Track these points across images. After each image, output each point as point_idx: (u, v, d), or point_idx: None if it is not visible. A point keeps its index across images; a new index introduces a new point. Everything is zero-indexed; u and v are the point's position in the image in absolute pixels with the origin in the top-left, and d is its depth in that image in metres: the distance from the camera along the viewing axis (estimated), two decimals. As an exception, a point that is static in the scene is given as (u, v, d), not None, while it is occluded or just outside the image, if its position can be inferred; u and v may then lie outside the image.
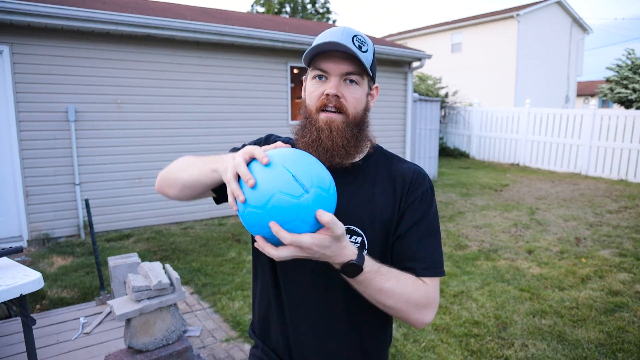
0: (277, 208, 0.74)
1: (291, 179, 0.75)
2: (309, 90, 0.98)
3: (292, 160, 0.79)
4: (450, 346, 2.84)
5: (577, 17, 19.08)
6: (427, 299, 0.92)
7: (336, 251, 0.79)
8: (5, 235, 4.81)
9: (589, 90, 27.97)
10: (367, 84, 0.99)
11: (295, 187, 0.75)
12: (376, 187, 0.99)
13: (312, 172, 0.79)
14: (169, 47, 5.61)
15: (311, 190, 0.76)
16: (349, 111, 0.94)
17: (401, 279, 0.89)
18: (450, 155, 13.33)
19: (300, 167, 0.78)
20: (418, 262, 0.95)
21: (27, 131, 4.80)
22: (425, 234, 0.97)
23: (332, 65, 0.93)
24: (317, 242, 0.75)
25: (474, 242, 5.07)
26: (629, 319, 3.18)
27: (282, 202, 0.74)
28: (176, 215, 5.89)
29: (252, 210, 0.76)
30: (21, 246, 2.04)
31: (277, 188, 0.75)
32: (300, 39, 6.39)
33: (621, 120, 9.45)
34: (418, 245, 0.96)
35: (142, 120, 5.53)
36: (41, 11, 4.50)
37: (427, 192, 0.99)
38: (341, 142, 0.93)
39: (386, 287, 0.86)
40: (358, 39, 0.93)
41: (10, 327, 2.86)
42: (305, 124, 0.97)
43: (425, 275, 0.94)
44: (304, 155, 0.83)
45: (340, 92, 0.93)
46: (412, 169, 1.01)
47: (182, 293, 2.38)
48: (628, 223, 5.86)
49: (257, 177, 0.77)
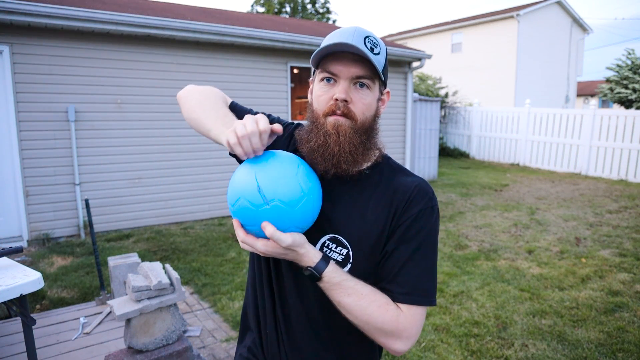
0: (240, 211, 0.82)
1: (255, 189, 0.80)
2: (317, 93, 0.93)
3: (267, 170, 0.82)
4: (450, 346, 2.84)
5: (577, 17, 19.08)
6: (395, 326, 0.84)
7: (295, 257, 0.84)
8: (5, 235, 4.81)
9: (589, 90, 27.97)
10: (378, 89, 0.94)
11: (257, 197, 0.80)
12: (372, 200, 0.93)
13: (280, 185, 0.81)
14: (169, 47, 5.61)
15: (271, 203, 0.80)
16: (357, 117, 0.89)
17: (364, 298, 0.83)
18: (450, 155, 13.33)
19: (270, 179, 0.81)
20: (396, 286, 0.87)
21: (27, 131, 4.80)
22: (414, 256, 0.88)
23: (341, 67, 0.88)
24: (270, 250, 0.82)
25: (474, 242, 5.07)
26: (629, 319, 3.18)
27: (244, 207, 0.81)
28: (176, 215, 5.89)
29: (229, 204, 0.87)
30: (21, 246, 2.04)
31: (242, 194, 0.82)
32: (300, 39, 6.39)
33: (621, 120, 9.45)
34: (402, 268, 0.87)
35: (142, 120, 5.53)
36: (41, 11, 4.50)
37: (426, 210, 0.90)
38: (348, 148, 0.88)
39: (344, 302, 0.84)
40: (370, 40, 0.88)
41: (10, 327, 2.86)
42: (312, 128, 0.93)
43: (402, 302, 0.86)
44: (284, 166, 0.84)
45: (349, 97, 0.88)
46: (415, 183, 0.93)
47: (182, 293, 2.38)
48: (628, 223, 5.86)
49: (235, 176, 0.85)
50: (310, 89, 1.00)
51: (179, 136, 5.79)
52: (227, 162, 6.19)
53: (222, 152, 6.11)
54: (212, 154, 6.06)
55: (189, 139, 5.86)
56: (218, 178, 6.15)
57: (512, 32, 16.90)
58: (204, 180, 6.05)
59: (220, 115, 0.95)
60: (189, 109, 1.02)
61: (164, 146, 5.69)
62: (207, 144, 5.99)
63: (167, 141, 5.72)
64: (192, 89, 1.07)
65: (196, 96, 1.03)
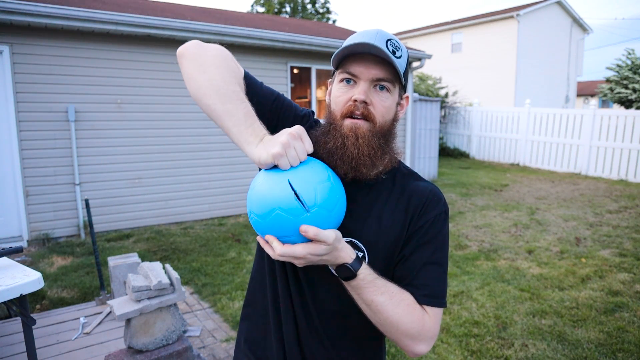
0: (276, 223, 0.75)
1: (293, 198, 0.74)
2: (335, 94, 0.91)
3: (301, 176, 0.76)
4: (450, 346, 2.84)
5: (577, 17, 19.08)
6: (421, 327, 0.86)
7: (332, 255, 0.80)
8: (5, 235, 4.80)
9: (589, 90, 27.97)
10: (398, 93, 0.92)
11: (296, 206, 0.74)
12: (388, 205, 0.93)
13: (318, 190, 0.76)
14: (169, 47, 5.61)
15: (312, 210, 0.75)
16: (376, 119, 0.88)
17: (395, 297, 0.84)
18: (450, 155, 13.33)
19: (307, 184, 0.76)
20: (417, 289, 0.89)
21: (27, 131, 4.80)
22: (430, 260, 0.91)
23: (362, 69, 0.86)
24: (311, 251, 0.76)
25: (474, 242, 5.07)
26: (629, 319, 3.18)
27: (281, 218, 0.75)
28: (176, 215, 5.89)
29: (255, 218, 0.79)
30: (21, 246, 2.04)
31: (278, 204, 0.74)
32: (300, 39, 6.39)
33: (621, 120, 9.45)
34: (420, 271, 0.90)
35: (142, 120, 5.53)
36: (41, 11, 4.50)
37: (440, 215, 0.93)
38: (367, 151, 0.87)
39: (377, 301, 0.83)
40: (392, 43, 0.86)
41: (10, 327, 2.86)
42: (328, 129, 0.91)
43: (425, 304, 0.89)
44: (316, 170, 0.79)
45: (369, 99, 0.87)
46: (429, 189, 0.95)
47: (182, 293, 2.38)
48: (628, 223, 5.86)
49: (262, 187, 0.77)
50: (328, 90, 0.98)
51: (179, 136, 5.79)
52: (227, 162, 6.19)
53: (222, 152, 6.11)
54: (212, 154, 6.06)
55: (189, 139, 5.86)
56: (218, 178, 6.15)
57: (512, 32, 16.91)
58: (204, 180, 6.05)
59: (241, 112, 0.82)
60: (197, 88, 0.86)
61: (164, 146, 5.69)
62: (207, 144, 5.99)
63: (167, 141, 5.72)
64: (200, 51, 0.90)
65: (209, 70, 0.86)
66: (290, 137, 0.76)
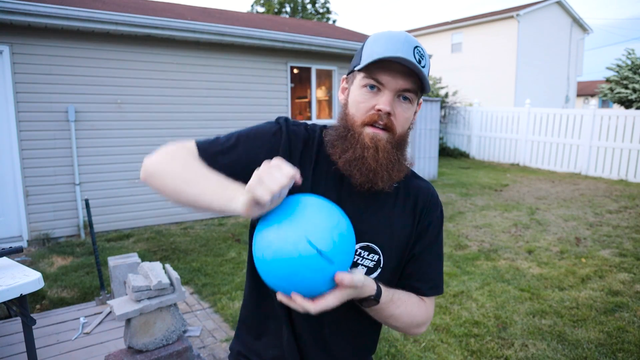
0: (301, 283, 0.71)
1: (315, 254, 0.69)
2: (357, 99, 0.88)
3: (316, 226, 0.70)
4: (450, 346, 2.84)
5: (577, 17, 19.09)
6: (427, 317, 0.98)
7: (358, 292, 0.82)
8: (5, 235, 4.80)
9: (589, 90, 27.97)
10: (417, 101, 0.92)
11: (320, 262, 0.70)
12: (397, 207, 0.96)
13: (337, 239, 0.72)
14: (169, 47, 5.61)
15: (335, 260, 0.72)
16: (396, 130, 0.87)
17: (408, 304, 0.93)
18: (450, 155, 13.33)
19: (324, 234, 0.70)
20: (425, 283, 0.99)
21: (27, 131, 4.80)
22: (436, 256, 1.00)
23: (389, 78, 0.84)
24: (344, 298, 0.79)
25: (474, 242, 5.07)
26: (629, 319, 3.18)
27: (307, 278, 0.70)
28: (176, 215, 5.89)
29: (274, 281, 0.74)
30: (21, 246, 2.04)
31: (301, 265, 0.69)
32: (300, 39, 6.39)
33: (621, 120, 9.45)
34: (429, 268, 0.99)
35: (142, 120, 5.53)
36: (41, 11, 4.50)
37: (440, 215, 1.01)
38: (386, 165, 0.87)
39: (397, 313, 0.91)
40: (418, 51, 0.84)
41: (10, 327, 2.86)
42: (345, 135, 0.89)
43: (429, 295, 0.99)
44: (326, 215, 0.74)
45: (393, 110, 0.86)
46: (429, 187, 1.01)
47: (182, 293, 2.38)
48: (628, 223, 5.86)
49: (271, 245, 0.70)
50: (342, 87, 0.97)
51: (179, 136, 5.78)
52: (227, 162, 6.18)
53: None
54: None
55: (189, 139, 5.85)
56: (218, 178, 6.14)
57: (512, 32, 16.91)
58: (204, 180, 6.04)
59: (213, 181, 0.79)
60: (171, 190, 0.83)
61: (164, 146, 5.68)
62: (207, 144, 5.99)
63: (167, 141, 5.71)
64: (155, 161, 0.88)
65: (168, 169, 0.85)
66: (264, 167, 0.70)
